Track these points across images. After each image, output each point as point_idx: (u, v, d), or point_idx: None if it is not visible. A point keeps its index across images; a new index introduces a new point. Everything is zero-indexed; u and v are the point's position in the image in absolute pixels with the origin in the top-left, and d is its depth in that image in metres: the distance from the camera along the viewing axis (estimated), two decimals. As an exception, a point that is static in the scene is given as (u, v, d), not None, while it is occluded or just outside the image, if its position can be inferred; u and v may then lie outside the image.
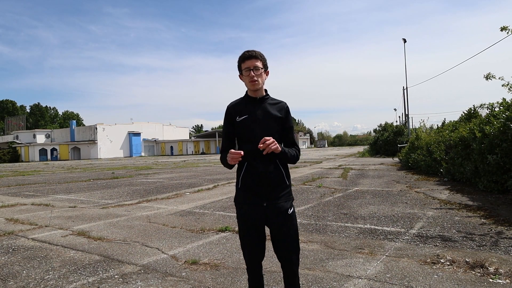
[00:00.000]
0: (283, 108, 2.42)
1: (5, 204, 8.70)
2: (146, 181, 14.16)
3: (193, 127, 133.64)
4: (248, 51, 2.34)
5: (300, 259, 2.48)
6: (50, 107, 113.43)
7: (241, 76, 2.40)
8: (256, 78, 2.31)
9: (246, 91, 2.43)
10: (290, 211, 2.33)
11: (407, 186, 9.80)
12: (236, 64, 2.41)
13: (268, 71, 2.43)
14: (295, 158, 2.40)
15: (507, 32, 8.28)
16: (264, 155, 2.26)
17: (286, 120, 2.41)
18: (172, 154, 72.12)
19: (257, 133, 2.30)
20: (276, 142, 2.20)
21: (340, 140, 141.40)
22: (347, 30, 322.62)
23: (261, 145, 2.16)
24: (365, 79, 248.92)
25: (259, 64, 2.32)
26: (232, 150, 2.21)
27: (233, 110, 2.40)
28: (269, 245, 2.58)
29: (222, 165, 2.42)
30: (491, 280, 3.19)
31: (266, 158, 2.29)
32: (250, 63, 2.30)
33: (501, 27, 8.33)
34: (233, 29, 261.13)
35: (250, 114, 2.35)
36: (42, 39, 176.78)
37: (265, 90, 2.44)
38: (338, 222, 5.74)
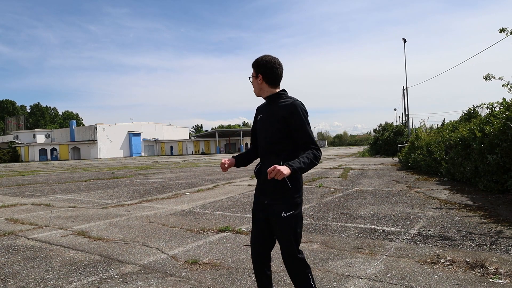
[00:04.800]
0: (288, 106, 2.31)
1: (5, 204, 8.70)
2: (146, 181, 14.17)
3: (193, 127, 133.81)
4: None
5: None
6: (50, 107, 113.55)
7: None
8: (253, 86, 2.52)
9: None
10: (285, 214, 2.26)
11: (407, 186, 9.80)
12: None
13: (260, 75, 2.41)
14: (313, 163, 2.21)
15: (506, 34, 8.32)
16: (267, 155, 2.39)
17: (291, 119, 2.27)
18: (172, 154, 72.15)
19: (261, 133, 2.46)
20: (277, 167, 2.05)
21: (340, 140, 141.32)
22: (347, 30, 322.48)
23: (269, 176, 2.10)
24: (365, 79, 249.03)
25: (252, 73, 2.49)
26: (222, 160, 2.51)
27: (257, 109, 2.61)
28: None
29: None
30: (491, 280, 3.19)
31: (269, 158, 2.36)
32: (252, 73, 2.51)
33: (500, 29, 8.38)
34: (233, 29, 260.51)
35: (262, 114, 2.50)
36: (42, 39, 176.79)
37: (283, 90, 2.45)
38: (338, 222, 5.74)
